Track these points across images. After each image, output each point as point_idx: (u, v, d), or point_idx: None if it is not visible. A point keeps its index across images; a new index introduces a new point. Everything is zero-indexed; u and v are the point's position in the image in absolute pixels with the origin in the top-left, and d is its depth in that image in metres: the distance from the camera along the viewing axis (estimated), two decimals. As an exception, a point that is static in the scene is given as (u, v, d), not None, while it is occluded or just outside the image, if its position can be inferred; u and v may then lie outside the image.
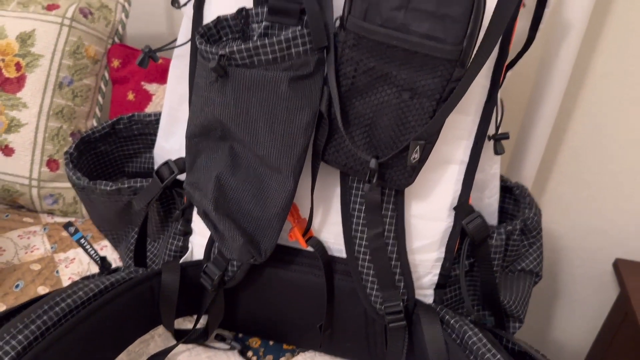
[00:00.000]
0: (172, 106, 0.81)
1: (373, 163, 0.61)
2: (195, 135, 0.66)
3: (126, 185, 0.77)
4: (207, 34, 0.63)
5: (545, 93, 0.98)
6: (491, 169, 0.77)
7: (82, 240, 0.74)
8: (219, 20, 0.63)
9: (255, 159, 0.64)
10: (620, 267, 1.19)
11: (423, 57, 0.56)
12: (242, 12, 0.64)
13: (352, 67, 0.59)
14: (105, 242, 1.01)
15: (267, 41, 0.57)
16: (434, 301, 0.74)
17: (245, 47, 0.58)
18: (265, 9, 0.62)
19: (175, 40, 0.78)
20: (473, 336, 0.64)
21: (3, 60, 1.01)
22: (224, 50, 0.58)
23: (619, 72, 1.05)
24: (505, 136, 0.72)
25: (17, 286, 0.89)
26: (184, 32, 0.76)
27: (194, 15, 0.70)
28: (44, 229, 1.04)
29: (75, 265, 0.95)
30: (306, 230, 0.70)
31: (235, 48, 0.58)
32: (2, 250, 0.96)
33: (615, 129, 1.10)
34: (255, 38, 0.63)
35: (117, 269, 0.73)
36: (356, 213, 0.68)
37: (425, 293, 0.74)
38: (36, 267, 0.94)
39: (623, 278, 1.16)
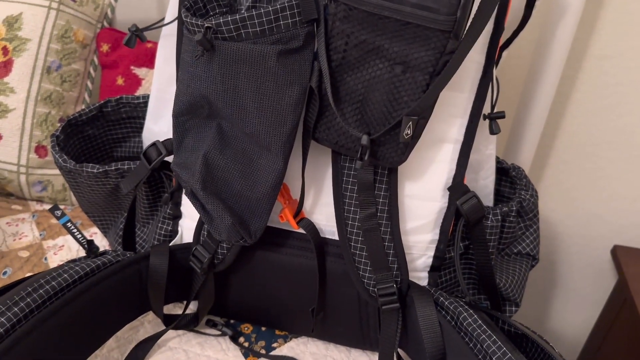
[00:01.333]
0: (160, 88, 0.79)
1: (365, 139, 0.59)
2: (182, 114, 0.64)
3: (113, 168, 0.76)
4: (193, 8, 0.61)
5: (542, 75, 0.96)
6: (487, 149, 0.75)
7: (69, 224, 0.72)
8: (205, -6, 0.62)
9: (244, 137, 0.63)
10: (619, 254, 1.18)
11: (415, 28, 0.54)
12: (229, -15, 0.62)
13: (342, 40, 0.58)
14: (95, 229, 0.99)
15: (254, 12, 0.56)
16: (429, 284, 0.72)
17: (232, 19, 0.56)
18: (253, -18, 0.60)
19: (163, 19, 0.76)
20: (468, 317, 0.63)
21: (-11, 44, 1.00)
22: (210, 22, 0.56)
23: (617, 53, 1.04)
24: (501, 115, 0.71)
25: (4, 273, 0.87)
26: (172, 10, 0.74)
27: (181, -10, 0.68)
28: (33, 216, 1.02)
29: (64, 252, 0.93)
30: (297, 212, 0.69)
31: (221, 20, 0.56)
32: (-10, 238, 0.94)
33: (614, 113, 1.09)
34: (243, 11, 0.61)
35: (104, 253, 0.71)
36: (348, 193, 0.67)
37: (420, 276, 0.72)
38: (24, 254, 0.92)
39: (621, 265, 1.15)
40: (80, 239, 0.72)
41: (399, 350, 0.75)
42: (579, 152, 1.15)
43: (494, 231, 0.73)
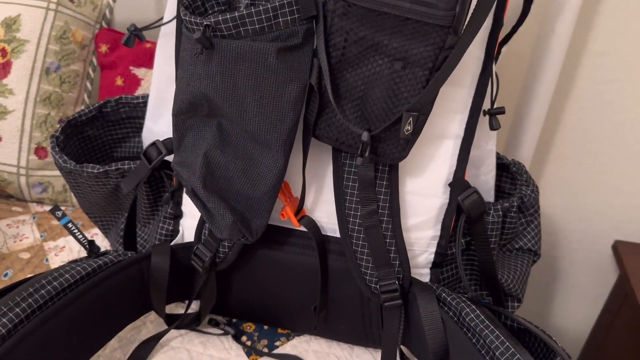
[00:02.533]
0: (159, 87, 0.79)
1: (365, 136, 0.59)
2: (182, 112, 0.64)
3: (113, 168, 0.76)
4: (191, 6, 0.61)
5: (541, 70, 0.96)
6: (487, 145, 0.75)
7: (70, 225, 0.72)
8: (204, -8, 0.62)
9: (244, 135, 0.63)
10: (620, 249, 1.18)
11: (414, 23, 0.54)
12: (227, -17, 0.62)
13: (342, 37, 0.58)
14: (96, 230, 0.99)
15: (253, 10, 0.56)
16: (431, 280, 0.72)
17: (231, 17, 0.56)
18: (252, -21, 0.60)
19: (161, 18, 0.76)
20: (470, 313, 0.63)
21: (-12, 46, 1.00)
22: (209, 20, 0.56)
23: (616, 49, 1.04)
24: (501, 110, 0.71)
25: (5, 275, 0.87)
26: (170, 9, 0.74)
27: (179, -12, 0.68)
28: (33, 217, 1.02)
29: (65, 254, 0.93)
30: (298, 209, 0.69)
31: (220, 18, 0.56)
32: (-9, 240, 0.94)
33: (613, 108, 1.09)
34: (242, 8, 0.61)
35: (105, 253, 0.71)
36: (349, 190, 0.67)
37: (421, 272, 0.72)
38: (25, 255, 0.92)
39: (622, 260, 1.15)
40: (81, 240, 0.72)
41: (401, 346, 0.75)
42: (579, 148, 1.15)
43: (496, 227, 0.73)
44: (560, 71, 0.99)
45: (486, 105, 0.71)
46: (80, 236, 0.72)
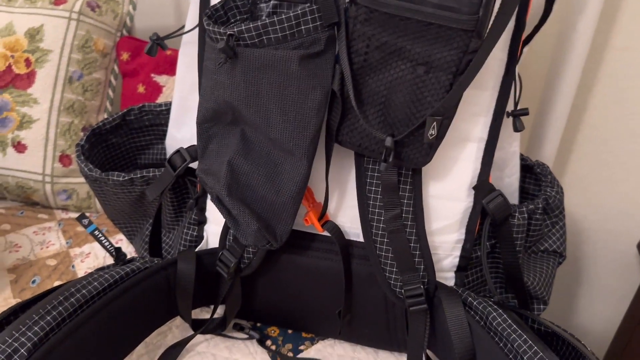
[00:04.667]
0: (182, 95, 0.80)
1: (389, 141, 0.59)
2: (206, 121, 0.65)
3: (139, 175, 0.76)
4: (214, 16, 0.61)
5: (564, 69, 0.95)
6: (511, 146, 0.74)
7: (96, 232, 0.73)
8: (226, 1, 0.62)
9: (268, 142, 0.63)
10: (645, 248, 1.16)
11: (437, 28, 0.54)
12: (249, -9, 0.62)
13: (364, 43, 0.58)
14: (121, 236, 1.01)
15: (275, 19, 0.56)
16: (456, 284, 0.72)
17: (254, 26, 0.56)
18: (273, -13, 0.60)
19: (183, 27, 0.77)
20: (497, 317, 0.62)
21: (13, 56, 1.01)
22: (232, 30, 0.56)
23: (639, 45, 1.02)
24: (525, 112, 0.70)
25: (33, 282, 0.88)
26: (192, 17, 0.75)
27: (201, -3, 0.69)
28: (59, 224, 1.04)
29: (90, 260, 0.94)
30: (322, 214, 0.69)
31: (243, 27, 0.56)
32: (18, 247, 0.96)
33: (636, 105, 1.07)
34: (264, 17, 0.62)
35: (132, 260, 0.72)
36: (372, 195, 0.67)
37: (446, 276, 0.72)
38: (52, 262, 0.93)
39: (648, 259, 1.13)
40: (108, 247, 0.73)
41: (427, 351, 0.74)
42: (602, 146, 1.13)
43: (521, 229, 0.72)
44: (582, 68, 0.98)
45: (509, 106, 0.70)
46: (107, 243, 0.73)
